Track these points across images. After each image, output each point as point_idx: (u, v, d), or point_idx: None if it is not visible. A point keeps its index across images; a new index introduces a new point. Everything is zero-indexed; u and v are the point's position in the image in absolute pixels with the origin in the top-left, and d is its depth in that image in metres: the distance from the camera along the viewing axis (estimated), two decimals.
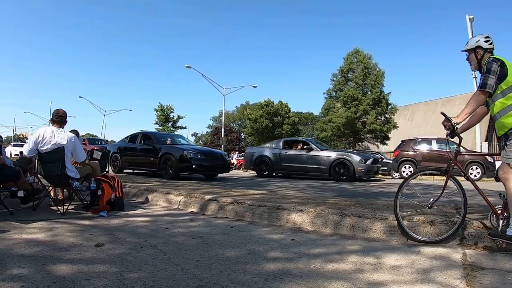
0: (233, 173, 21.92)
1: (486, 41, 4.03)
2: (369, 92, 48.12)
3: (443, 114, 4.14)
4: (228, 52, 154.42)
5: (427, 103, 63.17)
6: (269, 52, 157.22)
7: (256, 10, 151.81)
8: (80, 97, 62.36)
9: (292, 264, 3.23)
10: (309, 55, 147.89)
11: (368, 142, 51.56)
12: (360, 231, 4.48)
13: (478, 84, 3.99)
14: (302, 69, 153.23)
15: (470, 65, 4.21)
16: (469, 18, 27.33)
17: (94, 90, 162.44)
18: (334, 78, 51.61)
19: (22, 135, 78.33)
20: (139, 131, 16.25)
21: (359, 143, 49.93)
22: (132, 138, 15.85)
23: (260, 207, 5.60)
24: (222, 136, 47.86)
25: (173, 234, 4.36)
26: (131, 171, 15.46)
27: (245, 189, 8.67)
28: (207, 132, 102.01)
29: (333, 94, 51.98)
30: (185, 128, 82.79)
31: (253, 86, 46.31)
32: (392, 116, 46.93)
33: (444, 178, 4.25)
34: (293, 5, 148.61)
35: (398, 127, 46.96)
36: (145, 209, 6.38)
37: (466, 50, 4.19)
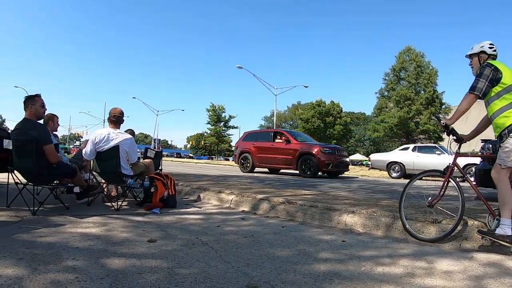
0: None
1: (490, 47, 4.11)
2: (422, 92, 46.96)
3: (436, 117, 4.50)
4: (280, 53, 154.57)
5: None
6: (320, 52, 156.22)
7: (307, 12, 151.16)
8: (133, 97, 63.89)
9: (342, 266, 3.17)
10: (360, 54, 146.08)
11: (421, 143, 50.30)
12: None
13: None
14: (354, 69, 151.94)
15: (472, 70, 4.26)
16: None
17: (147, 92, 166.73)
18: (386, 77, 50.81)
19: (77, 134, 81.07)
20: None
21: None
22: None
23: (311, 207, 5.52)
24: None
25: (224, 232, 4.36)
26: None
27: (297, 189, 8.59)
28: None
29: (385, 93, 51.14)
30: (236, 127, 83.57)
31: (305, 86, 46.04)
32: (447, 116, 45.58)
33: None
34: (344, 3, 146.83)
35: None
36: (197, 207, 6.43)
37: (470, 55, 4.27)
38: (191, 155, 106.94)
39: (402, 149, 20.69)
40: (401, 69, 49.16)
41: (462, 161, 15.13)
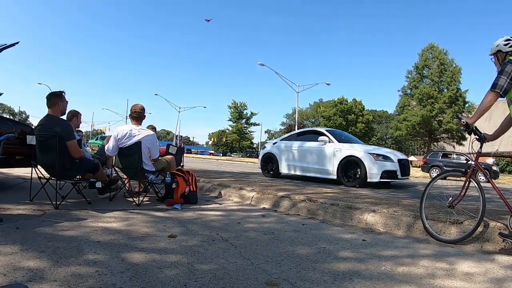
0: None
1: (505, 44, 3.98)
2: (445, 90, 46.25)
3: (456, 116, 4.34)
4: (302, 50, 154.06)
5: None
6: (343, 50, 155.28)
7: (329, 9, 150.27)
8: (155, 94, 64.43)
9: (362, 265, 3.14)
10: (383, 51, 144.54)
11: (444, 142, 49.63)
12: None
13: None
14: (377, 66, 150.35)
15: (496, 68, 4.14)
16: None
17: (169, 88, 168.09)
18: (409, 75, 50.19)
19: (100, 130, 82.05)
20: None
21: (435, 143, 48.15)
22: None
23: (332, 205, 5.50)
24: None
25: (244, 229, 4.34)
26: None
27: (318, 187, 8.56)
28: (280, 129, 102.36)
29: (408, 91, 50.56)
30: (258, 125, 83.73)
31: (327, 84, 45.78)
32: (469, 115, 44.82)
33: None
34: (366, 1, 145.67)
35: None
36: (218, 203, 6.44)
37: (490, 55, 4.18)
38: (212, 151, 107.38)
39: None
40: (424, 66, 48.52)
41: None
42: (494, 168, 17.80)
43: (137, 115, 6.19)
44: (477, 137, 4.19)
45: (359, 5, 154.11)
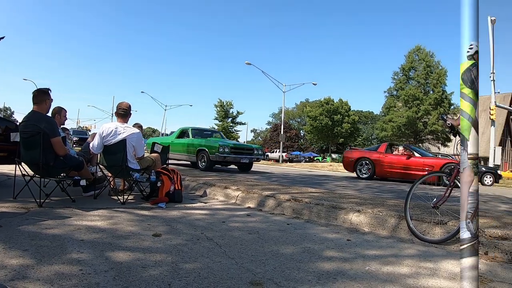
0: None
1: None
2: (431, 92, 46.71)
3: (441, 117, 4.47)
4: (288, 50, 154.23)
5: (489, 104, 60.62)
6: (329, 50, 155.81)
7: (315, 9, 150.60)
8: (142, 92, 64.20)
9: (347, 265, 3.15)
10: (370, 53, 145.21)
11: (429, 143, 50.06)
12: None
13: None
14: (363, 67, 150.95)
15: None
16: (491, 20, 27.55)
17: (156, 86, 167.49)
18: (395, 77, 50.58)
19: (86, 127, 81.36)
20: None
21: (420, 144, 48.53)
22: None
23: (317, 205, 5.49)
24: (282, 133, 47.69)
25: (229, 228, 4.35)
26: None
27: (304, 187, 8.58)
28: (266, 128, 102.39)
29: (394, 93, 50.96)
30: (244, 124, 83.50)
31: (313, 84, 46.01)
32: (455, 117, 45.20)
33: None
34: (354, 2, 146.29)
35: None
36: (203, 202, 6.42)
37: None
38: None
39: None
40: (410, 68, 48.91)
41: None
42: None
43: (123, 113, 6.18)
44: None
45: (348, 7, 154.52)
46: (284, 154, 59.23)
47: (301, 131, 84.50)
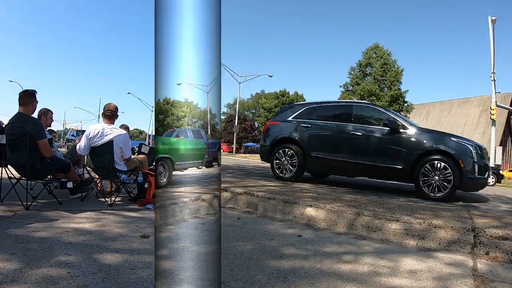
0: None
1: None
2: (387, 89, 47.20)
3: None
4: (244, 41, 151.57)
5: (443, 102, 61.80)
6: (286, 42, 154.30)
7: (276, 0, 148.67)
8: (128, 93, 62.49)
9: (300, 262, 3.08)
10: (327, 47, 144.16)
11: None
12: (374, 231, 4.22)
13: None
14: (319, 61, 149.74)
15: None
16: (491, 20, 26.11)
17: (142, 87, 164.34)
18: (352, 72, 50.70)
19: (72, 129, 79.37)
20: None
21: None
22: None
23: (270, 199, 5.33)
24: (236, 123, 47.21)
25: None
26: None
27: (259, 180, 8.30)
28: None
29: (350, 88, 51.11)
30: None
31: (269, 76, 45.92)
32: (408, 115, 45.78)
33: None
34: None
35: None
36: None
37: None
38: None
39: None
40: (367, 65, 49.12)
41: None
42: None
43: (110, 114, 6.09)
44: None
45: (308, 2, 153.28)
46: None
47: (256, 123, 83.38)
